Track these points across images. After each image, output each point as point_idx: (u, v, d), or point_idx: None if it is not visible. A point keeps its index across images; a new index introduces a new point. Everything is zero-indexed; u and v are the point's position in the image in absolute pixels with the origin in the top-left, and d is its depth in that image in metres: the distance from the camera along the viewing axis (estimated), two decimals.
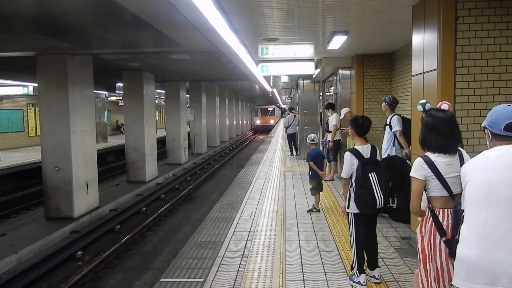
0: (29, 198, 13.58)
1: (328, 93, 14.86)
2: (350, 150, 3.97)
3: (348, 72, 9.70)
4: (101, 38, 8.84)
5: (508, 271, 1.93)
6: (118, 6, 5.70)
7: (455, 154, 2.66)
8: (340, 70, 9.89)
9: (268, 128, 42.89)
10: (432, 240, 2.60)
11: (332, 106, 9.94)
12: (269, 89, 25.21)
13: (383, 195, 3.69)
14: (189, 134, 22.03)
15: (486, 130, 2.22)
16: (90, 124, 11.06)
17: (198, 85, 22.71)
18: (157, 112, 32.37)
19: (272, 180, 9.80)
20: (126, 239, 8.81)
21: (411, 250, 4.82)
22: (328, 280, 4.07)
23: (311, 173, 6.82)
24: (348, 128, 6.63)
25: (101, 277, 7.38)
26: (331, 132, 9.36)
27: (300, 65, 10.45)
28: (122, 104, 18.68)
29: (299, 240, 5.33)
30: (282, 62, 10.19)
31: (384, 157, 5.84)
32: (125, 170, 15.92)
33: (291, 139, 14.98)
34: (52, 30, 7.85)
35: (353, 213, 3.91)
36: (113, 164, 20.22)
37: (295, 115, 15.29)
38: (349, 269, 4.20)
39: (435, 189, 2.63)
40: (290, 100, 28.43)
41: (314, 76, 12.11)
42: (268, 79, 17.95)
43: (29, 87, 16.73)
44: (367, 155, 3.88)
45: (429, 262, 2.61)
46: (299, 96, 14.89)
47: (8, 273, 7.20)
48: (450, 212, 2.59)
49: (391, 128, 6.05)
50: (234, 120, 37.32)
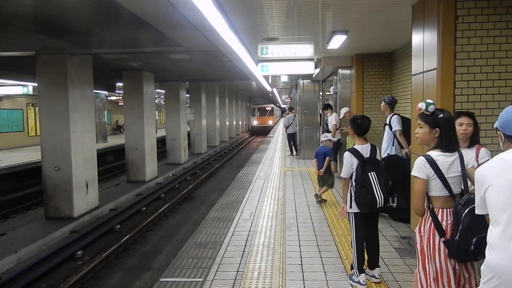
0: (29, 198, 13.58)
1: (328, 93, 14.86)
2: (349, 149, 3.96)
3: (348, 71, 9.70)
4: (100, 38, 8.85)
5: None
6: (117, 5, 5.70)
7: (455, 153, 2.67)
8: (340, 70, 9.89)
9: (266, 130, 39.74)
10: (431, 240, 2.59)
11: (329, 107, 9.97)
12: (268, 88, 25.19)
13: (383, 194, 3.69)
14: (189, 134, 22.03)
15: (498, 132, 2.16)
16: (90, 123, 11.06)
17: (198, 84, 22.71)
18: (157, 111, 32.39)
19: (272, 180, 9.80)
20: (126, 238, 8.81)
21: (411, 249, 4.82)
22: (328, 280, 4.07)
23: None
24: (347, 127, 6.61)
25: (101, 277, 7.38)
26: (330, 132, 9.36)
27: (300, 65, 10.45)
28: (122, 103, 18.68)
29: (299, 240, 5.33)
30: (282, 61, 10.19)
31: (383, 156, 5.84)
32: (125, 170, 15.92)
33: (291, 138, 14.98)
34: (51, 30, 7.85)
35: (354, 213, 3.91)
36: (113, 164, 20.22)
37: (295, 115, 15.29)
38: (349, 269, 4.20)
39: (436, 188, 2.62)
40: (290, 100, 28.42)
41: (314, 75, 12.11)
42: (267, 78, 17.94)
43: (29, 87, 16.74)
44: (366, 155, 3.88)
45: (428, 262, 2.60)
46: (299, 95, 14.88)
47: (8, 272, 7.20)
48: (450, 212, 2.58)
49: (390, 127, 6.06)
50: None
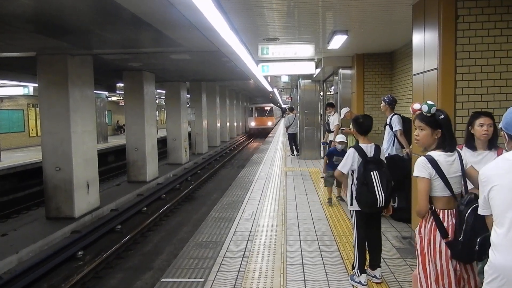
0: (30, 198, 13.59)
1: (329, 93, 14.86)
2: (354, 146, 3.94)
3: (348, 71, 9.69)
4: (101, 38, 8.85)
5: None
6: (117, 6, 5.69)
7: (455, 153, 2.66)
8: (340, 70, 9.89)
9: (265, 132, 36.04)
10: (432, 241, 2.57)
11: (332, 105, 9.95)
12: (269, 88, 25.18)
13: (384, 194, 3.68)
14: (189, 134, 22.03)
15: (502, 132, 2.15)
16: (91, 124, 11.07)
17: (198, 85, 22.71)
18: (157, 112, 32.34)
19: (273, 180, 9.79)
20: (127, 239, 8.81)
21: (412, 249, 4.81)
22: (329, 280, 4.06)
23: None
24: (348, 127, 6.59)
25: (102, 277, 7.38)
26: (332, 132, 9.35)
27: (300, 65, 10.45)
28: (123, 104, 18.69)
29: (300, 240, 5.32)
30: (283, 62, 10.19)
31: (384, 156, 5.83)
32: (125, 170, 15.93)
33: (292, 138, 14.97)
34: (52, 30, 7.85)
35: (355, 211, 3.91)
36: (113, 164, 20.22)
37: (295, 115, 15.30)
38: (350, 269, 4.20)
39: (438, 189, 2.60)
40: (291, 100, 28.39)
41: (314, 75, 12.10)
42: (267, 78, 17.93)
43: (29, 88, 16.76)
44: (370, 154, 3.87)
45: (428, 264, 2.58)
46: (299, 95, 14.87)
47: (9, 273, 7.20)
48: (451, 213, 2.57)
49: (391, 127, 6.05)
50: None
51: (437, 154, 2.61)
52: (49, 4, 6.30)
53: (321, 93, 14.35)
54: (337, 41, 7.24)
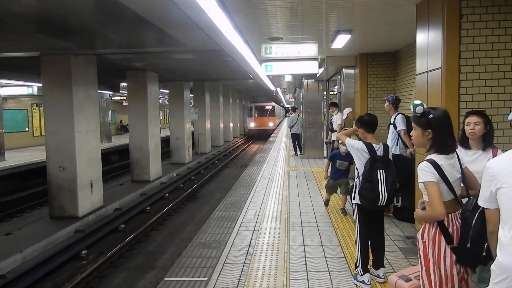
0: (34, 197, 13.65)
1: (332, 92, 14.83)
2: (365, 142, 3.89)
3: (352, 71, 9.67)
4: (104, 38, 8.87)
5: None
6: (121, 5, 5.71)
7: (454, 154, 2.61)
8: (344, 69, 9.87)
9: (266, 133, 32.97)
10: (436, 247, 2.51)
11: (335, 104, 9.95)
12: (272, 88, 25.16)
13: (387, 194, 3.67)
14: (193, 134, 22.05)
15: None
16: (94, 123, 11.11)
17: (201, 84, 22.72)
18: (161, 111, 32.32)
19: (276, 180, 9.79)
20: (130, 238, 8.84)
21: (415, 249, 4.79)
22: (332, 279, 4.06)
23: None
24: (349, 127, 6.58)
25: (105, 276, 7.41)
26: (335, 131, 9.34)
27: (303, 64, 10.43)
28: (126, 103, 18.72)
29: (303, 240, 5.32)
30: (286, 61, 10.19)
31: None
32: (129, 170, 15.97)
33: (295, 138, 14.97)
34: (55, 30, 7.87)
35: (357, 206, 3.93)
36: (117, 163, 20.28)
37: (298, 115, 15.29)
38: (353, 268, 4.19)
39: (442, 193, 2.51)
40: (294, 100, 28.33)
41: (318, 75, 12.09)
42: (270, 77, 17.91)
43: (33, 87, 16.82)
44: (380, 153, 3.85)
45: (432, 270, 2.53)
46: (303, 95, 14.86)
47: (13, 271, 7.24)
48: (455, 216, 2.52)
49: (395, 127, 6.05)
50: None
51: (438, 158, 2.54)
52: (53, 4, 6.32)
53: (325, 93, 14.32)
54: (341, 41, 7.22)
